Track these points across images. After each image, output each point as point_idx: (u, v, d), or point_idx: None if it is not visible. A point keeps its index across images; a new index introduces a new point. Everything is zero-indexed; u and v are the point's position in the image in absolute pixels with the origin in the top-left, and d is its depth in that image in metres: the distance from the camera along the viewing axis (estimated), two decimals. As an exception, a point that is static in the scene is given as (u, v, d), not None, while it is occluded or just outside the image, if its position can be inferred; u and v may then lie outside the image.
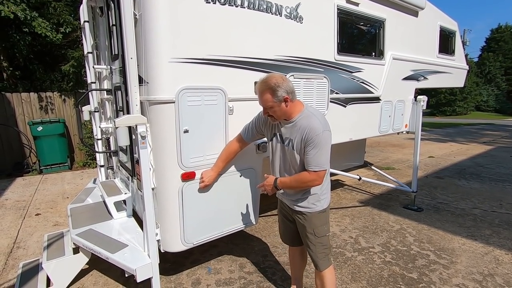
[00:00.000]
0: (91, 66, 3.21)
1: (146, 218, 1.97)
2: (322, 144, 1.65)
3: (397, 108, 3.75)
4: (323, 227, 1.90)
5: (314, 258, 1.93)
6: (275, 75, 1.73)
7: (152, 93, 1.87)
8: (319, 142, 1.64)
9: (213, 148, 2.11)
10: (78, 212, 2.86)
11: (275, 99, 1.66)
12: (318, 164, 1.67)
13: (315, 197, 1.86)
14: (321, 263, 1.91)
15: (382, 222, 3.74)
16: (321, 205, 1.87)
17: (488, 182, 5.49)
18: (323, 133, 1.65)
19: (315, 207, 1.86)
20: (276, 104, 1.68)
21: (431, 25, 4.15)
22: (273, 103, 1.68)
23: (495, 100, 30.22)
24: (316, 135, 1.64)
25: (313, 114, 1.73)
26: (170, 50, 1.83)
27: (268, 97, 1.68)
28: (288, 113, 1.74)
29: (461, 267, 2.76)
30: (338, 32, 2.85)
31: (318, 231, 1.88)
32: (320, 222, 1.89)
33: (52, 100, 6.84)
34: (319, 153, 1.66)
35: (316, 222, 1.88)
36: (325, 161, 1.69)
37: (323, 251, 1.91)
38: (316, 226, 1.88)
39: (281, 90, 1.65)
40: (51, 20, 6.31)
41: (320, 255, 1.90)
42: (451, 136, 12.22)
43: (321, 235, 1.89)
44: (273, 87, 1.65)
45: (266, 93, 1.68)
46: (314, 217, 1.87)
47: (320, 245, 1.90)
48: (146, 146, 1.88)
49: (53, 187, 5.34)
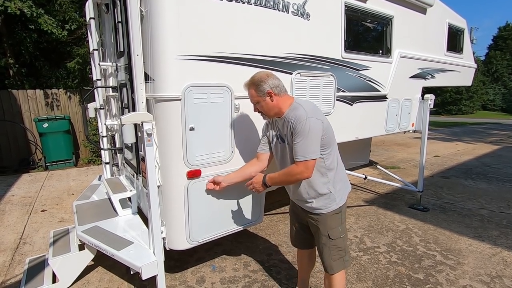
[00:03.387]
0: (96, 63, 3.21)
1: (152, 216, 1.97)
2: (306, 131, 1.59)
3: (404, 107, 3.70)
4: (338, 229, 1.82)
5: (327, 261, 1.85)
6: (260, 72, 1.82)
7: (158, 90, 1.86)
8: (302, 129, 1.60)
9: (219, 146, 2.10)
10: (84, 209, 2.87)
11: (259, 93, 1.75)
12: (304, 154, 1.60)
13: (327, 197, 1.78)
14: (335, 266, 1.84)
15: (388, 222, 3.71)
16: (335, 204, 1.79)
17: (495, 182, 5.42)
18: (307, 120, 1.60)
19: (329, 207, 1.79)
20: (261, 99, 1.75)
21: (440, 22, 4.09)
22: (258, 97, 1.76)
23: (502, 99, 29.82)
24: (299, 122, 1.61)
25: (299, 105, 1.71)
26: (176, 47, 1.82)
27: (252, 92, 1.78)
28: (277, 108, 1.75)
29: (468, 268, 2.72)
30: (346, 29, 2.81)
31: (332, 233, 1.81)
32: (335, 223, 1.81)
33: (57, 97, 6.88)
34: (304, 142, 1.60)
35: (330, 224, 1.81)
36: (312, 151, 1.61)
37: (337, 253, 1.84)
38: (330, 227, 1.81)
39: (264, 84, 1.72)
40: (57, 17, 6.35)
41: (335, 257, 1.84)
42: (457, 136, 12.08)
43: (336, 237, 1.81)
44: (256, 82, 1.74)
45: (250, 88, 1.78)
46: (328, 218, 1.80)
47: (334, 247, 1.83)
48: (152, 143, 1.87)
49: (59, 183, 5.37)
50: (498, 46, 31.12)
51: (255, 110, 1.86)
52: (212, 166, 2.10)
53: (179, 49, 1.83)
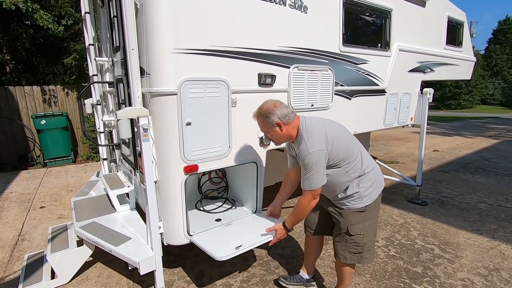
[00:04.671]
0: (92, 59, 3.18)
1: (149, 212, 1.96)
2: (310, 166, 1.68)
3: (403, 101, 3.68)
4: (359, 226, 1.85)
5: (342, 251, 1.91)
6: (268, 102, 1.82)
7: (154, 85, 1.84)
8: (307, 164, 1.69)
9: (216, 141, 2.09)
10: (82, 205, 2.86)
11: (267, 125, 1.77)
12: (310, 185, 1.71)
13: (355, 196, 1.82)
14: (348, 257, 1.89)
15: (386, 216, 3.71)
16: (362, 203, 1.82)
17: (494, 176, 5.43)
18: (309, 155, 1.67)
19: (355, 204, 1.82)
20: (271, 129, 1.78)
21: (439, 15, 4.05)
22: (267, 128, 1.79)
23: (501, 94, 29.75)
24: (303, 158, 1.69)
25: (303, 137, 1.75)
26: (172, 41, 1.79)
27: (261, 123, 1.81)
28: (287, 136, 1.81)
29: (466, 262, 2.73)
30: (344, 22, 2.78)
31: (352, 229, 1.84)
32: (356, 219, 1.84)
33: (55, 93, 6.84)
34: (309, 175, 1.69)
35: (351, 220, 1.84)
36: (317, 182, 1.70)
37: (354, 248, 1.87)
38: (351, 223, 1.84)
39: (273, 116, 1.74)
40: (53, 13, 6.28)
41: (351, 249, 1.88)
42: (456, 130, 12.08)
43: (355, 233, 1.84)
44: (264, 113, 1.76)
45: (259, 120, 1.81)
46: (350, 214, 1.84)
47: (351, 241, 1.87)
48: (148, 138, 1.86)
49: (57, 180, 5.37)
50: (498, 40, 30.97)
51: (266, 138, 1.96)
52: (209, 161, 2.09)
53: (175, 42, 1.80)
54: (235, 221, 2.36)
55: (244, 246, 1.98)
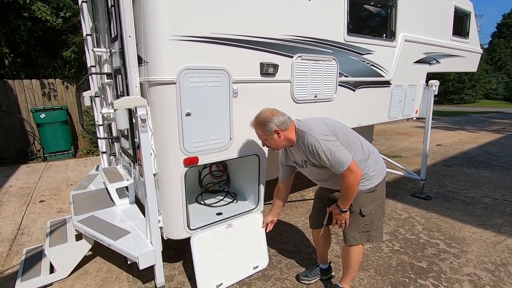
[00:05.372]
0: (90, 49, 3.10)
1: (148, 205, 1.91)
2: (328, 150, 1.69)
3: (408, 93, 3.60)
4: (370, 206, 1.89)
5: (352, 232, 1.92)
6: (264, 110, 1.85)
7: (152, 74, 1.77)
8: (323, 151, 1.69)
9: (217, 132, 2.02)
10: (81, 198, 2.82)
11: (266, 133, 1.80)
12: (342, 165, 1.69)
13: (364, 177, 1.83)
14: (358, 237, 1.92)
15: (390, 211, 3.66)
16: (371, 184, 1.86)
17: (499, 170, 5.35)
18: (320, 141, 1.70)
19: (365, 185, 1.85)
20: (269, 137, 1.82)
21: (446, 5, 3.94)
22: (266, 136, 1.82)
23: (504, 88, 29.46)
24: (316, 148, 1.71)
25: (304, 132, 1.79)
26: (170, 27, 1.72)
27: (259, 132, 1.84)
28: (285, 141, 1.85)
29: (472, 257, 2.68)
30: (349, 10, 2.68)
31: (364, 210, 1.87)
32: (367, 200, 1.88)
33: (54, 87, 6.77)
34: (334, 158, 1.68)
35: (363, 201, 1.87)
36: (345, 157, 1.69)
37: (363, 227, 1.91)
38: (363, 204, 1.87)
39: (270, 124, 1.77)
40: (51, 4, 6.18)
41: (360, 229, 1.91)
42: (459, 124, 11.97)
43: (367, 213, 1.88)
44: (262, 122, 1.80)
45: (257, 128, 1.84)
46: (361, 195, 1.86)
47: (362, 222, 1.90)
48: (147, 129, 1.79)
49: (57, 174, 5.33)
50: (502, 34, 30.55)
51: (263, 145, 1.93)
52: (210, 154, 2.03)
53: (173, 29, 1.73)
54: (236, 219, 2.30)
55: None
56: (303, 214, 3.55)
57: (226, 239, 2.22)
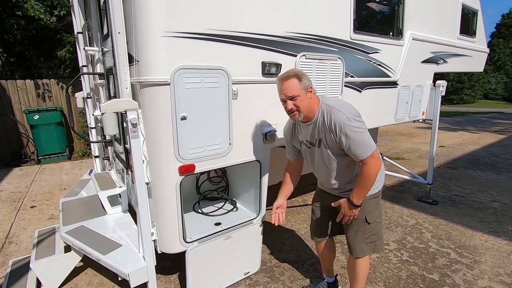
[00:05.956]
0: (82, 48, 2.94)
1: (140, 217, 1.75)
2: (357, 130, 1.56)
3: (415, 94, 3.45)
4: (374, 213, 1.80)
5: (359, 244, 1.81)
6: (293, 68, 1.76)
7: (143, 74, 1.61)
8: (353, 130, 1.55)
9: (215, 137, 1.86)
10: (71, 206, 2.66)
11: (301, 86, 1.61)
12: (367, 149, 1.56)
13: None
14: (365, 249, 1.81)
15: (396, 216, 3.51)
16: (375, 188, 1.76)
17: (505, 173, 5.21)
18: (351, 120, 1.56)
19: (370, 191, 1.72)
20: (303, 93, 1.62)
21: (453, 2, 3.79)
22: (300, 90, 1.61)
23: (504, 88, 29.43)
24: (346, 126, 1.55)
25: (331, 106, 1.64)
26: (163, 22, 1.56)
27: (295, 82, 1.61)
28: (311, 107, 1.66)
29: (486, 267, 2.53)
30: (355, 7, 2.53)
31: (370, 217, 1.77)
32: (372, 206, 1.79)
33: (49, 87, 6.59)
34: (361, 139, 1.56)
35: (368, 207, 1.76)
36: (370, 141, 1.58)
37: (370, 237, 1.81)
38: (368, 211, 1.76)
39: (305, 79, 1.63)
40: (45, 2, 6.00)
41: (367, 240, 1.80)
42: (460, 125, 11.85)
43: (372, 220, 1.79)
44: (298, 74, 1.62)
45: (292, 79, 1.61)
46: (366, 201, 1.74)
47: (368, 231, 1.79)
48: (138, 135, 1.64)
49: (51, 177, 5.15)
50: (501, 34, 30.52)
51: (289, 107, 1.63)
52: (207, 160, 1.87)
53: (167, 24, 1.57)
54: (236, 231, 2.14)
55: None
56: (306, 221, 3.40)
57: (223, 252, 2.07)
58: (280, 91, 1.65)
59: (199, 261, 1.95)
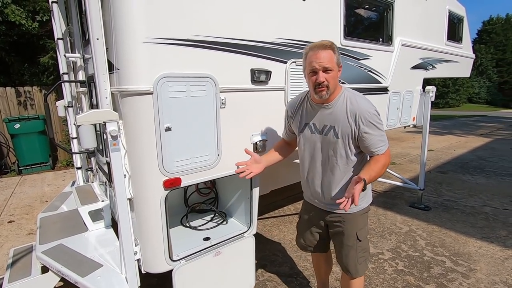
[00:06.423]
0: (62, 55, 2.81)
1: (122, 236, 1.63)
2: (379, 122, 1.52)
3: (405, 100, 3.44)
4: (365, 229, 1.74)
5: (352, 263, 1.72)
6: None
7: (124, 82, 1.50)
8: (378, 121, 1.51)
9: (203, 149, 1.76)
10: (50, 222, 2.49)
11: (335, 60, 1.49)
12: (384, 142, 1.54)
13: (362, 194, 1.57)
14: (360, 269, 1.73)
15: (389, 224, 3.46)
16: (365, 202, 1.70)
17: (494, 176, 5.27)
18: (375, 112, 1.52)
19: (360, 205, 1.63)
20: (336, 69, 1.50)
21: (440, 9, 3.83)
22: (334, 64, 1.49)
23: (486, 92, 30.33)
24: (373, 115, 1.50)
25: (355, 94, 1.57)
26: (145, 27, 1.46)
27: (331, 54, 1.47)
28: (336, 88, 1.55)
29: (481, 276, 2.49)
30: (345, 13, 2.49)
31: (361, 234, 1.69)
32: (362, 223, 1.72)
33: (31, 95, 6.37)
34: (380, 133, 1.53)
35: (359, 224, 1.69)
36: (386, 138, 1.57)
37: (363, 255, 1.73)
38: (358, 228, 1.69)
39: (339, 54, 1.53)
40: (26, 8, 5.81)
41: (361, 259, 1.72)
42: (447, 129, 12.07)
43: (363, 238, 1.71)
44: (334, 47, 1.50)
45: (328, 51, 1.47)
46: (355, 218, 1.68)
47: (360, 249, 1.71)
48: (119, 148, 1.52)
49: (32, 189, 4.92)
50: (483, 40, 31.57)
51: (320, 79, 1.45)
52: (194, 173, 1.76)
53: (149, 30, 1.47)
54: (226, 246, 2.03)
55: None
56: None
57: (212, 269, 1.95)
58: (312, 59, 1.47)
59: (187, 281, 1.83)
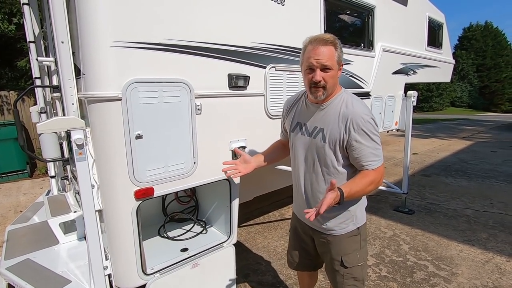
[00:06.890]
0: (34, 58, 2.69)
1: (90, 250, 1.53)
2: (375, 132, 1.33)
3: (388, 105, 3.46)
4: (355, 254, 1.48)
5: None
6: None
7: (91, 88, 1.42)
8: (372, 131, 1.31)
9: (177, 156, 1.69)
10: (18, 235, 2.35)
11: (336, 58, 1.33)
12: (378, 157, 1.33)
13: (346, 215, 1.43)
14: None
15: (374, 228, 3.45)
16: (352, 224, 1.45)
17: (475, 179, 5.38)
18: (371, 120, 1.32)
19: (344, 227, 1.45)
20: (336, 68, 1.34)
21: (420, 15, 3.90)
22: (334, 63, 1.32)
23: (468, 96, 31.32)
24: (365, 121, 1.30)
25: (353, 97, 1.40)
26: (112, 30, 1.39)
27: (332, 51, 1.31)
28: (334, 89, 1.38)
29: (463, 280, 2.49)
30: (325, 18, 2.49)
31: (347, 260, 1.47)
32: (351, 247, 1.47)
33: (8, 99, 6.12)
34: (375, 145, 1.32)
35: (345, 248, 1.47)
36: (381, 152, 1.35)
37: (352, 284, 1.49)
38: (345, 252, 1.47)
39: (341, 52, 1.35)
40: (2, 10, 5.61)
41: (348, 287, 1.50)
42: (431, 132, 12.33)
43: (351, 264, 1.47)
44: (337, 43, 1.33)
45: (330, 46, 1.31)
46: (342, 240, 1.46)
47: (349, 276, 1.48)
48: (85, 157, 1.44)
49: (6, 199, 4.69)
50: (464, 46, 32.63)
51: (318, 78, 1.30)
52: (169, 182, 1.69)
53: (117, 33, 1.40)
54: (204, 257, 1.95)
55: None
56: (283, 237, 3.26)
57: (190, 281, 1.87)
58: (310, 54, 1.31)
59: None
